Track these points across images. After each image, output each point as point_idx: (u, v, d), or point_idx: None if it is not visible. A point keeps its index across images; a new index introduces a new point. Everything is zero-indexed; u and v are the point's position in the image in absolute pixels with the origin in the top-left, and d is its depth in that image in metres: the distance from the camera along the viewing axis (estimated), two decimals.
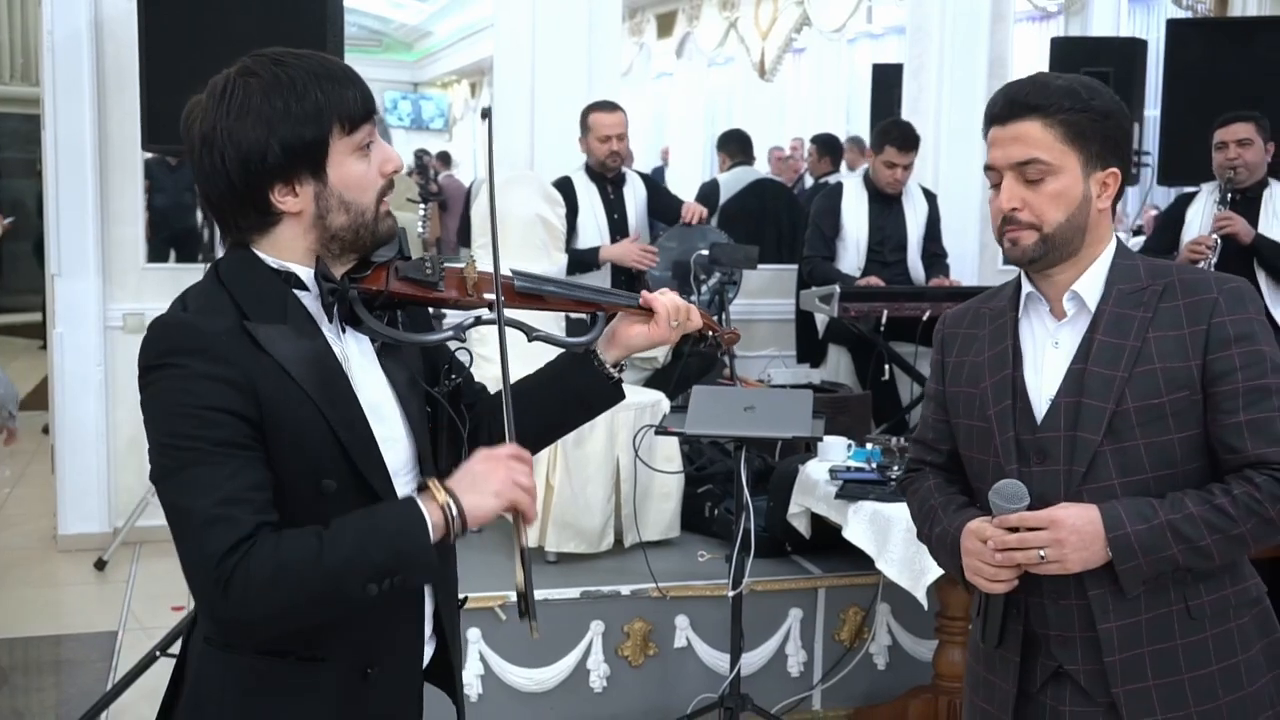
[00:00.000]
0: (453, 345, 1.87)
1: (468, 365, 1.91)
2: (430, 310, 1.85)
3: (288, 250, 1.69)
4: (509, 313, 1.77)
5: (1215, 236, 4.80)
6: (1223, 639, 1.92)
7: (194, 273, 5.30)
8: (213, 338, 1.59)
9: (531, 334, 1.85)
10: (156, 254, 5.81)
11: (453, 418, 1.82)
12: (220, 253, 4.96)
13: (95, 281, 5.45)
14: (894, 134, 5.54)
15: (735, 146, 7.96)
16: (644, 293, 1.97)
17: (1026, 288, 2.01)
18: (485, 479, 1.61)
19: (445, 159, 13.06)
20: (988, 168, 1.97)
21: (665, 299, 1.95)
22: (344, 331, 1.73)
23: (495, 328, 1.71)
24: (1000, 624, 1.98)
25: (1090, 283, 1.95)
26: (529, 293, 1.86)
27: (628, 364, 6.05)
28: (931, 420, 2.19)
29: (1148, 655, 1.90)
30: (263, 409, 1.59)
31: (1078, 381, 1.92)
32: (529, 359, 1.92)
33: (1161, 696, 1.89)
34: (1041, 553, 1.84)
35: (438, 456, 1.81)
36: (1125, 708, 1.90)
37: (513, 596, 3.88)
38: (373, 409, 1.71)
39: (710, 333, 2.05)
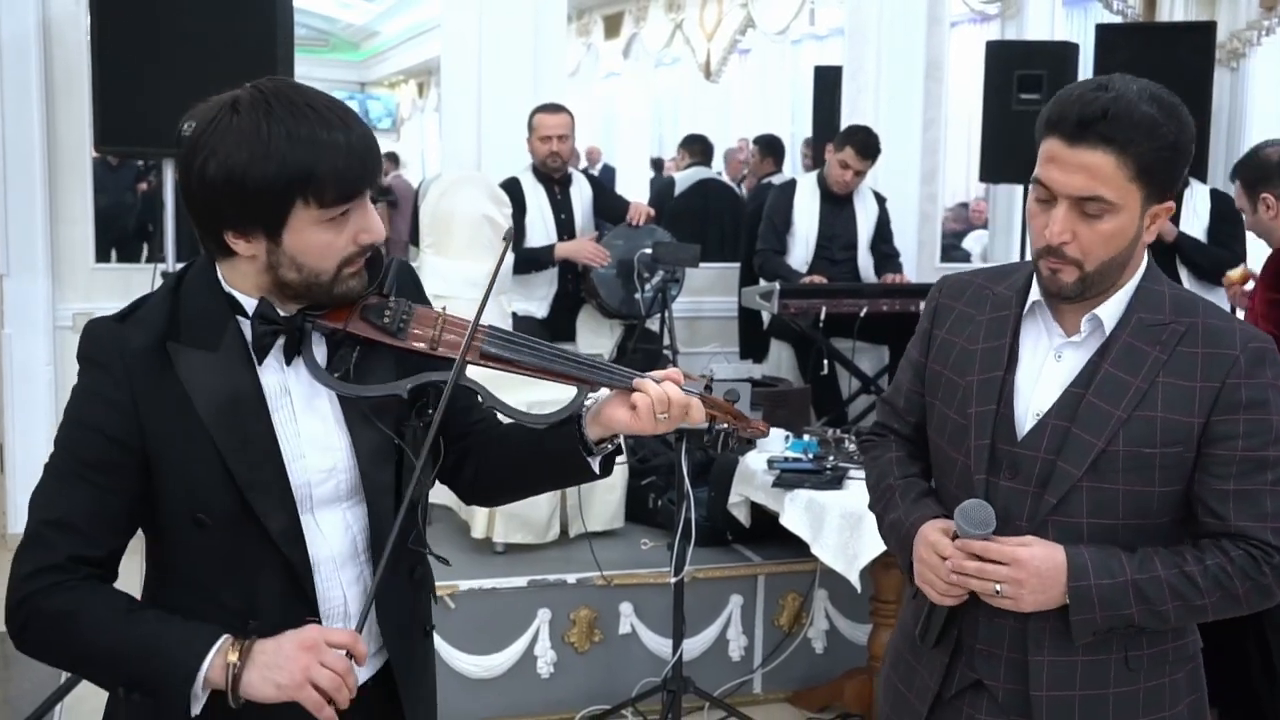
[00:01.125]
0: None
1: (478, 396, 1.75)
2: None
3: (241, 281, 1.67)
4: (473, 370, 1.68)
5: None
6: (1154, 692, 1.87)
7: (143, 273, 5.35)
8: (120, 355, 1.62)
9: (485, 402, 1.71)
10: (98, 254, 5.84)
11: (430, 447, 1.68)
12: (171, 252, 4.94)
13: (44, 282, 5.47)
14: (858, 138, 5.71)
15: (698, 147, 8.20)
16: (640, 377, 1.72)
17: (1037, 294, 1.87)
18: (281, 666, 1.55)
19: (393, 159, 13.09)
20: (1038, 181, 1.78)
21: (657, 388, 1.70)
22: (288, 363, 1.68)
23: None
24: (941, 629, 1.91)
25: (1112, 307, 1.83)
26: (498, 357, 1.71)
27: None
28: (906, 389, 2.06)
29: (1078, 699, 1.84)
30: (145, 435, 1.61)
31: (1072, 407, 1.81)
32: (527, 389, 1.82)
33: None
34: (998, 587, 1.78)
35: (401, 485, 1.73)
36: None
37: (461, 585, 3.96)
38: (313, 440, 1.69)
39: (723, 426, 1.77)
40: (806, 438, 4.22)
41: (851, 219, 5.83)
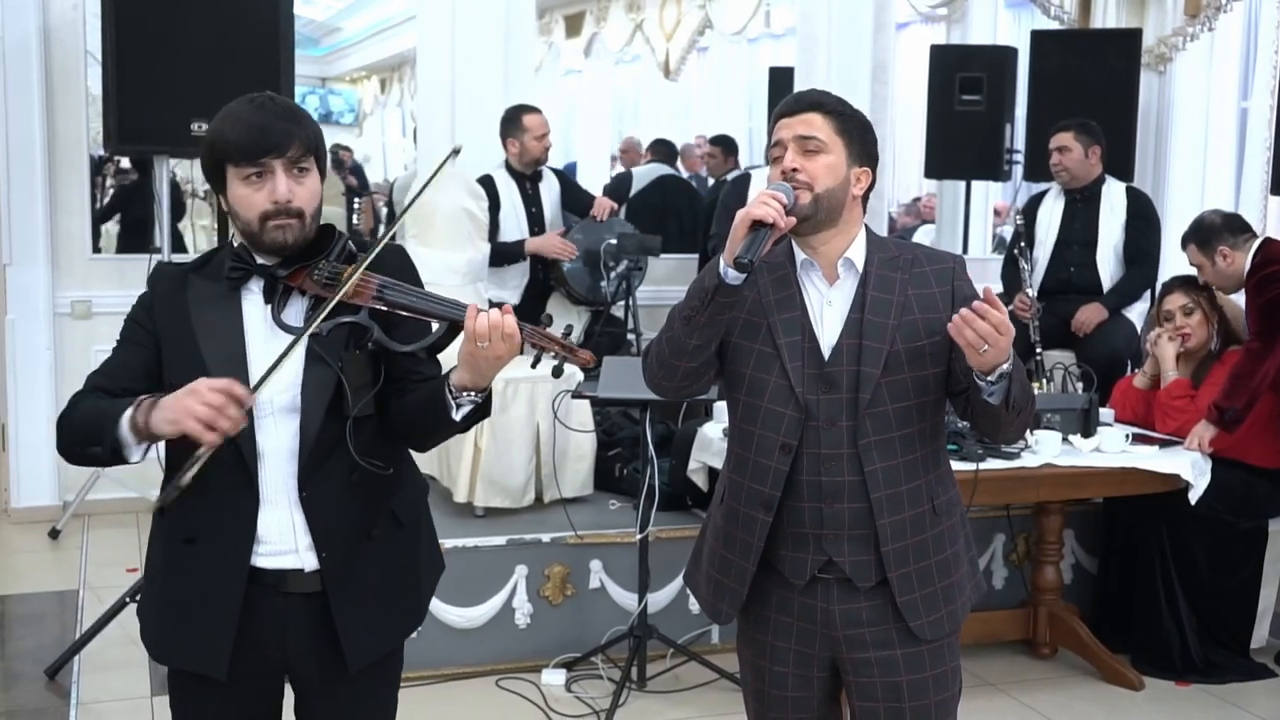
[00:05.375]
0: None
1: (371, 336, 2.12)
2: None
3: (238, 233, 2.20)
4: (368, 313, 2.11)
5: (1033, 298, 5.34)
6: (949, 531, 2.40)
7: (137, 263, 5.66)
8: (156, 279, 2.25)
9: (375, 337, 2.11)
10: None
11: (370, 374, 2.16)
12: (166, 244, 5.28)
13: (45, 271, 5.79)
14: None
15: (663, 150, 8.65)
16: (468, 310, 2.06)
17: (801, 255, 2.37)
18: (171, 408, 1.98)
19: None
20: (775, 144, 2.35)
21: (481, 319, 2.02)
22: (267, 302, 2.16)
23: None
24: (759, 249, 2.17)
25: (856, 251, 2.36)
26: (383, 300, 2.12)
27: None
28: None
29: (910, 546, 2.34)
30: (156, 326, 2.18)
31: (857, 327, 2.32)
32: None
33: (919, 578, 2.36)
34: (985, 347, 2.10)
35: (344, 407, 2.13)
36: (896, 589, 2.34)
37: (446, 544, 4.30)
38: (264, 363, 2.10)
39: (550, 353, 2.11)
40: None
41: None
